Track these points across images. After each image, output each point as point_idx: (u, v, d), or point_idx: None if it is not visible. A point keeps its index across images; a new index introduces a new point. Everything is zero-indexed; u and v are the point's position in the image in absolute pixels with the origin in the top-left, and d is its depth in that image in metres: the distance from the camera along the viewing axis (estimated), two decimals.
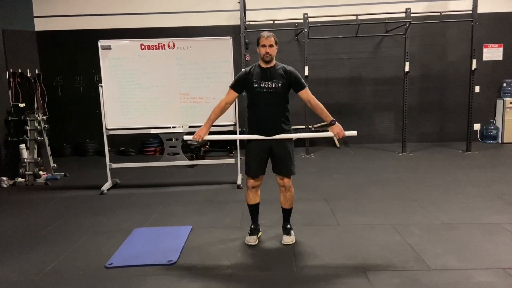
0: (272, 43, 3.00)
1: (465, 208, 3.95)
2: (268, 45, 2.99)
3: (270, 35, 3.02)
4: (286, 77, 3.04)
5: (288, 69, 3.07)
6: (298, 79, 3.07)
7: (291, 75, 3.05)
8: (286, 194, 3.19)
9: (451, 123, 7.95)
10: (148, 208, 4.31)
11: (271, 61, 3.05)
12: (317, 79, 7.73)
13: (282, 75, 3.04)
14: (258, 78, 3.03)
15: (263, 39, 3.01)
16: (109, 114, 5.06)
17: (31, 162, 5.61)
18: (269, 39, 3.00)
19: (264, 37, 3.01)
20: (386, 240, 3.21)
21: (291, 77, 3.05)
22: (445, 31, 7.69)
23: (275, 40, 3.02)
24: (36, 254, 3.18)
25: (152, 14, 7.77)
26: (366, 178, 5.30)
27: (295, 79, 3.06)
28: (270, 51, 3.01)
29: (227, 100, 3.17)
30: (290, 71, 3.07)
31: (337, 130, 3.10)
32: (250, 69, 3.12)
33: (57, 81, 7.97)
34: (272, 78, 3.03)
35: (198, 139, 3.11)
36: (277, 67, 3.08)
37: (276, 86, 3.02)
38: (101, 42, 4.97)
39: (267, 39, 3.00)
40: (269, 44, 2.99)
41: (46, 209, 4.40)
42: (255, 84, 3.03)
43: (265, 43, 3.00)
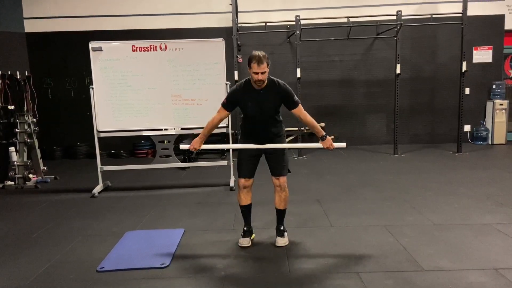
0: (264, 69, 2.85)
1: (457, 209, 3.98)
2: (261, 72, 2.86)
3: (262, 60, 2.83)
4: (279, 97, 3.02)
5: (281, 89, 2.99)
6: (291, 98, 3.01)
7: (284, 95, 3.01)
8: (281, 195, 3.19)
9: (442, 124, 8.03)
10: (140, 211, 4.27)
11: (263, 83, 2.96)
12: (309, 81, 7.75)
13: (275, 96, 3.01)
14: (251, 100, 3.00)
15: (254, 66, 2.83)
16: (100, 116, 5.01)
17: (21, 165, 5.53)
18: (261, 67, 2.83)
19: (255, 63, 2.82)
20: (379, 241, 3.22)
21: (284, 97, 3.02)
22: (436, 34, 7.77)
23: (267, 64, 2.86)
24: (26, 258, 3.13)
25: (143, 16, 7.74)
26: (359, 180, 5.31)
27: (288, 98, 3.02)
28: (263, 78, 2.89)
29: (220, 117, 3.13)
30: (283, 90, 3.00)
31: (327, 144, 3.11)
32: (242, 88, 3.02)
33: (47, 83, 7.90)
34: (266, 100, 3.00)
35: (193, 150, 3.15)
36: (269, 86, 2.98)
37: (269, 107, 3.04)
38: (92, 43, 4.93)
39: (259, 66, 2.82)
40: (262, 71, 2.85)
41: (36, 213, 4.34)
42: (249, 107, 3.04)
43: (257, 70, 2.84)
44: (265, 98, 3.00)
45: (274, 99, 3.02)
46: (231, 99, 3.08)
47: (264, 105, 3.02)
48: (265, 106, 3.02)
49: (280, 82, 3.03)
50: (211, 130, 3.19)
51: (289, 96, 3.02)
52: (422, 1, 7.71)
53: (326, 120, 7.88)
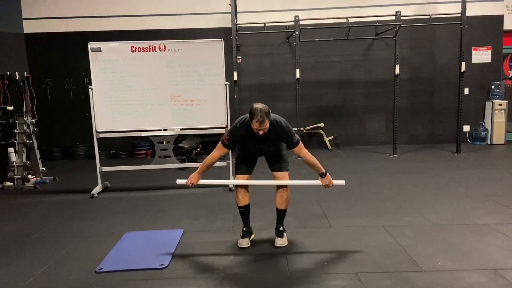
0: (266, 127, 2.86)
1: (456, 209, 3.98)
2: (262, 129, 2.87)
3: (264, 120, 2.80)
4: (279, 139, 3.06)
5: (281, 132, 2.98)
6: (291, 140, 3.00)
7: (284, 138, 3.04)
8: (283, 195, 3.18)
9: (441, 125, 8.03)
10: (139, 211, 4.27)
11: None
12: (308, 82, 7.75)
13: (275, 139, 3.04)
14: (251, 140, 3.03)
15: (256, 124, 2.83)
16: (99, 117, 5.01)
17: (20, 166, 5.53)
18: (262, 125, 2.83)
19: (257, 122, 2.81)
20: (378, 242, 3.22)
21: (284, 139, 3.05)
22: (435, 34, 7.78)
23: (268, 120, 2.85)
24: (25, 259, 3.12)
25: (142, 16, 7.74)
26: (358, 180, 5.31)
27: (287, 139, 3.02)
28: (264, 132, 2.89)
29: (219, 155, 3.14)
30: (283, 133, 2.99)
31: (327, 182, 3.14)
32: (244, 130, 2.99)
33: (46, 84, 7.90)
34: (265, 142, 3.05)
35: (191, 184, 3.17)
36: (269, 130, 2.93)
37: (269, 148, 3.11)
38: (91, 44, 4.92)
39: (260, 125, 2.82)
40: (263, 129, 2.86)
41: (35, 214, 4.33)
42: (249, 147, 3.11)
43: (258, 128, 2.85)
44: (265, 140, 3.02)
45: (274, 140, 3.07)
46: (232, 139, 3.08)
47: (264, 145, 3.08)
48: (265, 146, 3.09)
49: (280, 124, 2.98)
50: (210, 167, 3.19)
51: (289, 138, 3.02)
52: (421, 2, 7.72)
53: (325, 121, 7.89)
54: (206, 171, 3.20)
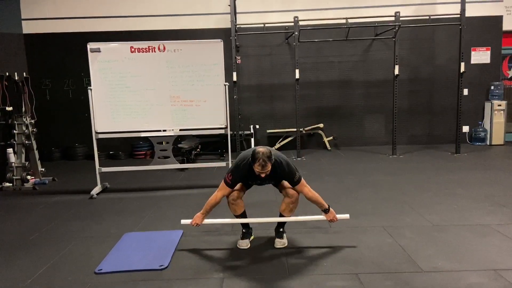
0: (267, 171, 2.88)
1: (455, 209, 3.98)
2: (264, 172, 2.89)
3: (267, 163, 2.83)
4: (280, 178, 3.10)
5: (282, 173, 3.00)
6: (292, 179, 3.02)
7: (285, 176, 3.05)
8: (290, 205, 3.14)
9: (440, 125, 8.04)
10: (139, 212, 4.26)
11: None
12: (307, 82, 7.75)
13: (277, 179, 3.12)
14: (253, 180, 3.14)
15: (258, 168, 2.86)
16: (98, 118, 5.01)
17: (19, 167, 5.52)
18: (264, 169, 2.86)
19: (259, 166, 2.84)
20: (378, 243, 3.21)
21: (286, 178, 3.08)
22: (434, 35, 7.78)
23: (271, 163, 2.87)
24: (24, 260, 3.11)
25: (142, 17, 7.73)
26: (357, 181, 5.31)
27: (290, 179, 3.05)
28: (266, 175, 2.93)
29: (222, 195, 3.13)
30: (285, 174, 3.01)
31: (331, 217, 3.14)
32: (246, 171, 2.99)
33: (45, 84, 7.88)
34: (267, 182, 3.15)
35: (195, 225, 3.17)
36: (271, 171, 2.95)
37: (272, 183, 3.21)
38: (90, 44, 4.92)
39: (262, 168, 2.85)
40: (265, 172, 2.89)
41: (34, 214, 4.32)
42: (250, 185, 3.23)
43: (260, 171, 2.88)
44: (267, 180, 3.11)
45: (276, 180, 3.15)
46: (234, 180, 3.07)
47: (266, 182, 3.17)
48: (267, 183, 3.19)
49: (281, 164, 2.98)
50: (213, 207, 3.17)
51: (290, 177, 3.03)
52: (420, 2, 7.73)
53: (325, 121, 7.88)
54: (210, 211, 3.19)
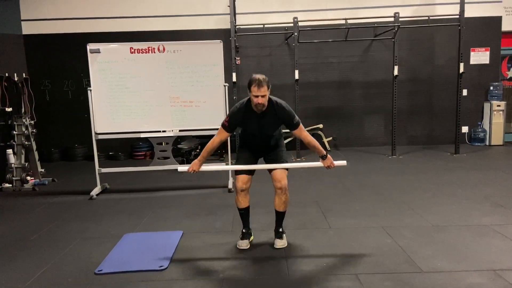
0: (264, 93, 2.83)
1: (455, 210, 3.99)
2: (261, 96, 2.85)
3: (262, 83, 2.81)
4: (279, 121, 3.06)
5: (281, 112, 2.99)
6: (291, 121, 3.01)
7: (285, 118, 3.03)
8: (282, 197, 3.16)
9: (439, 126, 8.04)
10: (138, 213, 4.26)
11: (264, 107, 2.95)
12: (307, 83, 7.76)
13: (275, 119, 3.04)
14: (252, 122, 3.04)
15: (254, 89, 2.81)
16: (98, 118, 5.01)
17: (18, 167, 5.52)
18: (261, 90, 2.81)
19: (255, 86, 2.81)
20: (377, 243, 3.22)
21: (285, 120, 3.04)
22: (433, 35, 7.79)
23: (267, 87, 2.84)
24: (23, 261, 3.12)
25: (141, 18, 7.74)
26: (357, 181, 5.32)
27: (289, 121, 3.02)
28: (263, 101, 2.88)
29: (220, 139, 3.13)
30: (283, 113, 3.00)
31: (328, 163, 3.11)
32: (243, 110, 3.01)
33: (45, 85, 7.89)
34: (266, 123, 3.05)
35: (192, 171, 3.14)
36: (270, 109, 2.97)
37: (269, 129, 3.10)
38: (90, 45, 4.92)
39: (259, 89, 2.80)
40: (262, 94, 2.84)
41: (34, 215, 4.32)
42: (249, 128, 3.10)
43: (257, 93, 2.82)
44: (265, 121, 3.03)
45: (275, 122, 3.06)
46: (232, 122, 3.07)
47: (264, 127, 3.07)
48: (265, 128, 3.08)
49: (280, 105, 3.00)
50: (211, 152, 3.18)
51: (289, 119, 3.03)
52: (420, 3, 7.74)
53: (324, 122, 7.89)
54: (207, 157, 3.17)
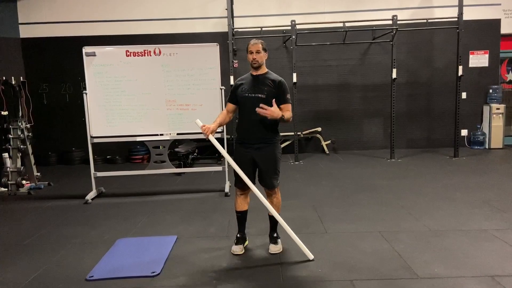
0: (259, 49, 2.99)
1: (453, 214, 3.94)
2: (255, 51, 2.99)
3: (258, 42, 3.02)
4: (273, 87, 3.01)
5: (278, 80, 3.04)
6: (284, 93, 3.02)
7: (279, 87, 3.01)
8: (273, 200, 3.14)
9: (438, 129, 8.00)
10: (133, 217, 4.22)
11: (259, 67, 3.05)
12: (305, 86, 7.73)
13: (270, 84, 3.01)
14: (247, 86, 3.07)
15: (250, 46, 3.02)
16: (94, 122, 4.97)
17: (14, 171, 5.47)
18: (255, 46, 2.99)
19: (251, 44, 3.02)
20: (374, 248, 3.17)
21: (279, 89, 3.01)
22: (432, 38, 7.76)
23: (262, 47, 3.01)
24: (15, 266, 3.07)
25: (138, 21, 7.72)
26: (355, 185, 5.27)
27: (282, 92, 3.02)
28: (257, 57, 3.01)
29: (227, 109, 3.21)
30: (280, 82, 3.03)
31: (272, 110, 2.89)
32: (243, 77, 3.17)
33: (42, 88, 7.85)
34: (260, 87, 3.02)
35: (206, 132, 3.01)
36: (267, 75, 3.07)
37: (262, 95, 2.99)
38: (85, 48, 4.90)
39: (253, 45, 3.00)
40: (256, 50, 2.99)
41: (28, 219, 4.28)
42: (244, 92, 3.06)
43: (252, 49, 3.00)
44: (260, 82, 3.03)
45: (268, 87, 3.00)
46: (232, 90, 3.17)
47: (258, 88, 3.00)
48: (258, 89, 3.00)
49: (277, 77, 3.06)
50: (223, 118, 3.17)
51: (283, 90, 3.02)
52: (418, 6, 7.72)
53: (323, 125, 7.85)
54: (221, 122, 3.16)
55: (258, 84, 3.03)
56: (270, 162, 3.07)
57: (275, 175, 3.09)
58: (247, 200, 3.21)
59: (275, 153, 3.09)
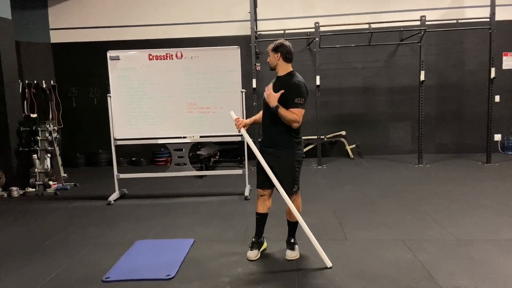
0: (268, 51, 3.03)
1: (482, 223, 3.74)
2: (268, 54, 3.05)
3: (270, 44, 3.04)
4: (285, 89, 2.90)
5: (291, 82, 2.91)
6: (292, 96, 2.85)
7: (290, 89, 2.88)
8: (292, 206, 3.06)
9: (470, 133, 7.68)
10: (153, 219, 4.24)
11: (274, 69, 3.04)
12: (329, 89, 7.61)
13: (284, 86, 2.92)
14: (269, 84, 3.05)
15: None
16: (117, 125, 5.06)
17: (42, 172, 5.64)
18: (268, 48, 3.05)
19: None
20: (395, 257, 3.04)
21: (289, 92, 2.88)
22: (462, 39, 7.48)
23: (271, 48, 3.01)
24: (35, 266, 3.13)
25: (164, 26, 7.83)
26: (379, 190, 5.12)
27: (289, 94, 2.87)
28: (269, 60, 3.05)
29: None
30: (291, 84, 2.90)
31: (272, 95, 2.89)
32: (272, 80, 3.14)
33: (71, 92, 8.08)
34: (276, 85, 2.98)
35: (239, 125, 3.08)
36: (287, 77, 2.96)
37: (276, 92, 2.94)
38: (109, 53, 4.99)
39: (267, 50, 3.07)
40: (268, 52, 3.05)
41: (52, 219, 4.38)
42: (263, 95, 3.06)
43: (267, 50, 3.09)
44: (279, 84, 2.97)
45: (282, 88, 2.91)
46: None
47: (274, 90, 2.93)
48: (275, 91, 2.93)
49: (295, 78, 2.94)
50: (259, 117, 3.18)
51: (291, 92, 2.87)
52: (448, 6, 7.45)
53: (347, 129, 7.70)
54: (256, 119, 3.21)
55: (277, 86, 2.97)
56: (282, 169, 2.95)
57: (290, 183, 2.95)
58: (267, 204, 3.13)
59: (289, 160, 2.95)
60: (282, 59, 2.98)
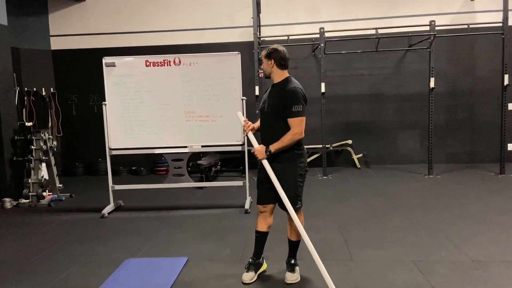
0: (262, 58, 2.85)
1: (499, 241, 3.45)
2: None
3: (262, 52, 2.89)
4: (281, 98, 2.69)
5: (286, 89, 2.69)
6: (289, 105, 2.64)
7: (286, 98, 2.66)
8: (292, 224, 2.79)
9: (482, 143, 7.37)
10: (147, 234, 4.01)
11: (269, 76, 2.85)
12: (335, 96, 7.37)
13: (280, 95, 2.71)
14: (265, 96, 2.87)
15: None
16: (112, 134, 4.86)
17: (35, 183, 5.44)
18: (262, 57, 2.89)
19: None
20: (405, 281, 2.77)
21: (285, 100, 2.66)
22: (474, 45, 7.21)
23: (264, 54, 2.81)
24: (19, 286, 2.91)
25: (167, 32, 7.68)
26: (387, 204, 4.84)
27: (287, 102, 2.65)
28: (263, 67, 2.88)
29: None
30: (286, 91, 2.68)
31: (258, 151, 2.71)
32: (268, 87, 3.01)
33: (71, 99, 7.94)
34: (271, 99, 2.77)
35: (247, 128, 2.88)
36: (282, 84, 2.76)
37: (272, 102, 2.74)
38: (105, 59, 4.81)
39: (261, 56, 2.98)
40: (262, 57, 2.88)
41: (42, 234, 4.16)
42: (262, 98, 2.92)
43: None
44: (273, 92, 2.80)
45: (277, 97, 2.73)
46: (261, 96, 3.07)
47: (270, 98, 2.78)
48: (270, 100, 2.77)
49: (290, 85, 2.71)
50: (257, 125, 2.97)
51: (288, 101, 2.65)
52: (458, 11, 7.20)
53: (354, 137, 7.44)
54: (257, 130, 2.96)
55: (271, 95, 2.78)
56: (283, 185, 2.67)
57: (292, 200, 2.66)
58: (269, 221, 2.87)
59: (290, 174, 2.71)
60: (276, 66, 2.76)
